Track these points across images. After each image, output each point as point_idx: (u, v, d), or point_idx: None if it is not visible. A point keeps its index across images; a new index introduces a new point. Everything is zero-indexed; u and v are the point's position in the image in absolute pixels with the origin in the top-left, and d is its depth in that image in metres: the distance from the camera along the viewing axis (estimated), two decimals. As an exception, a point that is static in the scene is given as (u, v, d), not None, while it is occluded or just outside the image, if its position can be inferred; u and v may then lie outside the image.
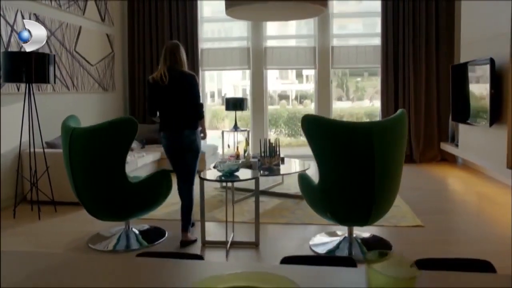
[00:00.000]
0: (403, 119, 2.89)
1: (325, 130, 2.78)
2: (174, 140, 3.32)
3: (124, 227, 3.44)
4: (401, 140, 2.87)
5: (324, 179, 2.88)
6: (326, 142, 2.78)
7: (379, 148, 2.72)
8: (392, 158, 2.80)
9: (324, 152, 2.81)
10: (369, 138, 2.70)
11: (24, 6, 4.69)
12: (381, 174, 2.76)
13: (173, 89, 3.26)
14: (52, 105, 5.17)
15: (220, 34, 7.79)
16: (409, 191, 5.06)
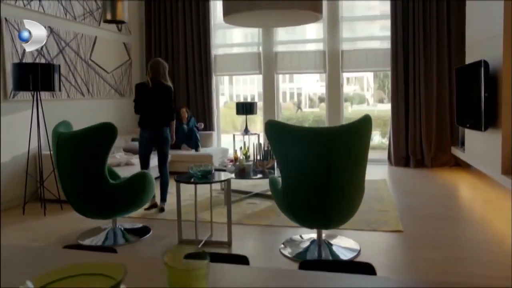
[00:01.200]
0: (365, 125, 2.93)
1: (284, 135, 2.87)
2: (154, 133, 4.29)
3: (111, 225, 3.69)
4: (362, 145, 2.91)
5: (286, 183, 2.98)
6: (285, 146, 2.88)
7: (335, 153, 2.78)
8: (351, 163, 2.85)
9: (284, 156, 2.91)
10: (326, 143, 2.77)
11: (39, 19, 5.09)
12: (338, 178, 2.82)
13: (154, 94, 4.24)
14: (66, 111, 5.56)
15: (233, 40, 7.99)
16: (409, 196, 5.03)
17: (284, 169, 2.93)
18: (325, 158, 2.78)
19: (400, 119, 6.65)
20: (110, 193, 3.33)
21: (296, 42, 7.51)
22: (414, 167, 6.56)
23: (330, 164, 2.79)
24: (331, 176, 2.81)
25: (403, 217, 4.01)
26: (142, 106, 4.27)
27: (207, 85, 7.30)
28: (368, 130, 2.96)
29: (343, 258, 3.16)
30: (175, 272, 0.97)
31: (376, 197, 4.75)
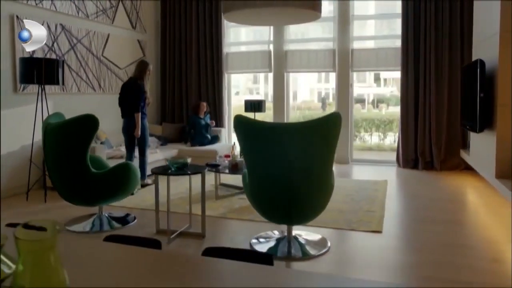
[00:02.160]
0: (331, 121, 2.92)
1: (248, 130, 2.91)
2: (128, 122, 5.02)
3: (97, 212, 3.87)
4: (326, 142, 2.90)
5: (251, 178, 3.02)
6: (249, 141, 2.92)
7: (295, 149, 2.79)
8: (313, 159, 2.86)
9: (248, 151, 2.95)
10: (286, 139, 2.79)
11: (50, 17, 5.38)
12: (297, 175, 2.84)
13: (127, 91, 5.02)
14: (76, 104, 5.82)
15: (245, 38, 8.07)
16: (409, 198, 4.94)
17: (249, 164, 2.98)
18: (285, 153, 2.80)
19: (409, 120, 6.50)
20: (92, 181, 3.49)
21: (306, 41, 7.49)
22: (422, 170, 6.39)
23: (289, 160, 2.80)
24: (290, 172, 2.83)
25: (391, 219, 3.95)
26: (121, 100, 5.10)
27: (218, 82, 7.41)
28: (335, 127, 2.95)
29: (312, 253, 3.16)
30: (21, 244, 1.05)
31: (369, 198, 4.69)
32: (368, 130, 10.52)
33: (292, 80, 7.79)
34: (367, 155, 8.90)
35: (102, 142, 5.77)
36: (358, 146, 9.63)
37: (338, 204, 4.45)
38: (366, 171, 6.56)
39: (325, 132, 2.88)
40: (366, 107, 10.90)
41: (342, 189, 5.11)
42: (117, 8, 6.57)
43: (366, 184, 5.43)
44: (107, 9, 6.35)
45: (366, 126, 10.50)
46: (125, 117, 5.08)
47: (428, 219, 4.04)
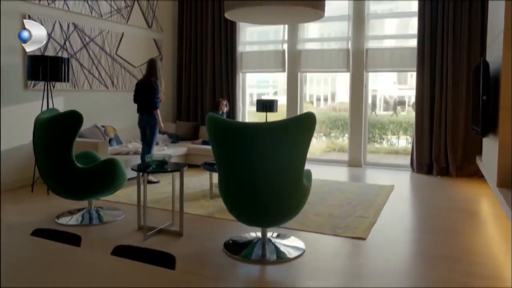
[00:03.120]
0: (303, 122, 2.83)
1: (217, 129, 2.87)
2: (142, 117, 5.27)
3: (87, 206, 3.97)
4: (297, 143, 2.81)
5: (221, 179, 2.98)
6: (218, 141, 2.88)
7: (265, 149, 2.73)
8: (282, 160, 2.78)
9: (218, 151, 2.92)
10: (255, 139, 2.73)
11: (63, 16, 5.57)
12: (266, 176, 2.77)
13: (141, 89, 5.22)
14: (87, 101, 6.01)
15: (260, 37, 8.03)
16: (413, 204, 4.76)
17: (219, 165, 2.94)
18: (253, 154, 2.74)
19: (424, 123, 6.22)
20: (77, 176, 3.57)
21: (320, 40, 7.34)
22: (437, 175, 6.10)
23: (257, 160, 2.74)
24: (257, 173, 2.77)
25: (382, 227, 3.78)
26: (136, 97, 5.30)
27: (232, 82, 7.41)
28: (307, 128, 2.85)
29: (287, 257, 3.08)
30: None
31: (367, 203, 4.52)
32: (395, 133, 10.23)
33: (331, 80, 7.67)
34: (384, 159, 8.65)
35: (111, 139, 5.91)
36: (385, 149, 9.38)
37: (331, 208, 4.32)
38: (377, 175, 6.34)
39: (295, 133, 2.79)
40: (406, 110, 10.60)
41: (342, 193, 4.96)
42: (132, 8, 6.71)
43: (370, 188, 5.24)
44: (121, 8, 6.50)
45: (394, 129, 10.22)
46: (139, 112, 5.31)
47: (424, 228, 3.85)
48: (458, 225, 3.84)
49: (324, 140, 9.60)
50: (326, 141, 9.51)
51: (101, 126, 5.91)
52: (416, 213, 4.43)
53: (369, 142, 9.27)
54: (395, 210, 4.32)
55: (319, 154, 9.22)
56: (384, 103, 9.13)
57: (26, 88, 5.20)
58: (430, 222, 4.01)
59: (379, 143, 9.41)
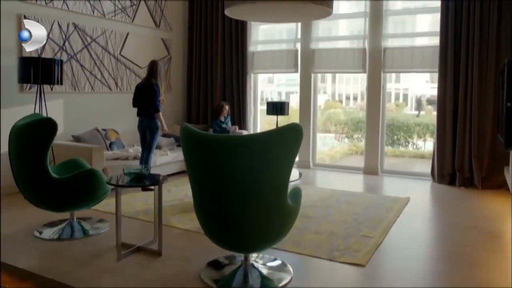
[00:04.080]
0: (286, 135, 2.46)
1: (190, 141, 2.55)
2: (141, 122, 5.07)
3: (69, 218, 3.73)
4: (279, 159, 2.44)
5: (195, 198, 2.65)
6: (190, 154, 2.56)
7: (241, 165, 2.38)
8: (263, 179, 2.42)
9: (191, 167, 2.59)
10: (232, 155, 2.39)
11: (62, 16, 5.38)
12: (244, 196, 2.42)
13: (141, 91, 5.02)
14: (89, 103, 5.82)
15: (272, 36, 7.67)
16: (427, 222, 4.29)
17: (191, 180, 2.61)
18: (228, 170, 2.40)
19: (447, 129, 5.69)
20: (52, 186, 3.34)
21: (335, 39, 6.89)
22: (460, 187, 5.56)
23: (233, 178, 2.40)
24: (233, 193, 2.42)
25: (386, 250, 3.36)
26: (136, 100, 5.11)
27: (242, 83, 7.08)
28: (291, 142, 2.48)
29: (272, 285, 2.73)
30: None
31: (376, 219, 4.09)
32: (421, 136, 9.68)
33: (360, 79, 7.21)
34: (408, 164, 8.15)
35: (111, 143, 5.70)
36: (410, 153, 8.88)
37: (334, 224, 3.92)
38: (393, 184, 5.86)
39: (278, 148, 2.43)
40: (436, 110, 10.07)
41: (350, 206, 4.54)
42: (138, 6, 6.48)
43: (383, 201, 4.79)
44: (126, 7, 6.28)
45: (420, 131, 9.68)
46: (139, 115, 5.11)
47: (436, 255, 3.40)
48: (477, 252, 3.36)
49: (346, 142, 9.21)
50: (348, 143, 9.12)
51: (102, 129, 5.71)
52: (429, 234, 3.97)
53: (393, 145, 8.78)
54: (406, 229, 3.87)
55: (339, 157, 8.83)
56: (416, 103, 8.71)
57: (22, 91, 5.04)
58: (443, 246, 3.55)
59: (404, 146, 8.93)
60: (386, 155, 7.44)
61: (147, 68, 5.13)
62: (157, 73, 5.01)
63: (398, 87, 9.30)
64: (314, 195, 5.01)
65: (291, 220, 2.68)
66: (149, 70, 5.05)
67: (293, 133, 2.48)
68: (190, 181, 2.63)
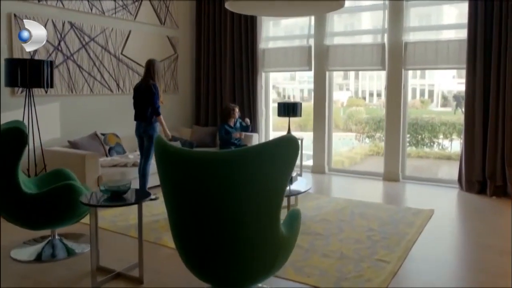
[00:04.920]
0: (279, 150, 2.03)
1: (166, 159, 2.14)
2: (138, 127, 4.65)
3: (50, 236, 3.39)
4: (270, 179, 2.01)
5: (171, 223, 2.25)
6: (166, 173, 2.15)
7: (226, 188, 1.97)
8: (249, 203, 1.99)
9: (165, 187, 2.18)
10: (212, 175, 1.98)
11: (56, 15, 5.07)
12: (227, 223, 2.00)
13: (139, 94, 4.62)
14: (88, 106, 5.50)
15: (284, 32, 7.21)
16: (454, 241, 3.78)
17: (167, 201, 2.21)
18: (208, 193, 1.99)
19: (476, 130, 5.12)
20: (25, 203, 3.00)
21: (351, 34, 6.36)
22: (492, 196, 4.99)
23: (214, 202, 1.99)
24: (213, 220, 2.01)
25: (406, 277, 2.89)
26: (135, 103, 4.69)
27: (252, 81, 6.65)
28: (284, 158, 2.05)
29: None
30: None
31: (394, 237, 3.60)
32: (448, 136, 9.08)
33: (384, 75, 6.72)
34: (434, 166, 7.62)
35: (111, 148, 5.38)
36: (436, 154, 8.33)
37: (346, 244, 3.45)
38: (416, 193, 5.33)
39: (267, 166, 1.99)
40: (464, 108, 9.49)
41: (365, 220, 4.06)
42: (141, 3, 6.13)
43: (403, 214, 4.28)
44: (128, 4, 5.93)
45: (446, 131, 9.09)
46: (136, 119, 4.68)
47: (463, 286, 2.89)
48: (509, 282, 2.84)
49: (367, 142, 8.73)
50: (369, 143, 8.64)
51: (101, 134, 5.38)
52: (456, 257, 3.44)
53: (417, 146, 8.21)
54: (429, 251, 3.37)
55: (359, 159, 8.36)
56: (442, 99, 8.29)
57: (14, 95, 4.75)
58: (472, 274, 3.03)
59: (429, 147, 8.38)
60: (410, 156, 6.88)
61: (144, 68, 4.74)
62: (155, 72, 4.60)
63: (423, 83, 8.85)
64: (326, 206, 4.55)
65: (286, 252, 2.24)
66: (146, 70, 4.65)
67: (286, 148, 2.04)
68: (166, 206, 2.22)
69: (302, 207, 4.45)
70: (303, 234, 3.63)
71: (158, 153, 2.16)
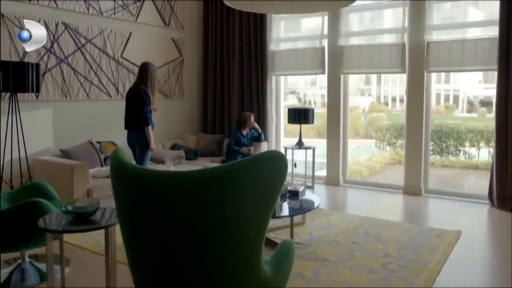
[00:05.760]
0: (259, 169, 1.58)
1: (122, 178, 1.72)
2: (129, 136, 4.32)
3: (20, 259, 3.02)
4: (250, 205, 1.57)
5: (125, 248, 1.82)
6: (120, 194, 1.73)
7: (189, 215, 1.53)
8: (223, 235, 1.55)
9: (120, 210, 1.76)
10: (173, 198, 1.55)
11: (49, 15, 4.76)
12: (195, 258, 1.56)
13: (130, 100, 4.27)
14: (83, 112, 5.18)
15: (294, 33, 6.76)
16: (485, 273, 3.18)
17: (122, 228, 1.78)
18: (171, 222, 1.56)
19: (509, 139, 4.54)
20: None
21: (368, 33, 5.87)
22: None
23: (178, 233, 1.55)
24: (178, 253, 1.57)
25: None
26: (126, 111, 4.34)
27: (262, 86, 6.22)
28: (266, 180, 1.59)
29: None
30: None
31: (413, 267, 3.08)
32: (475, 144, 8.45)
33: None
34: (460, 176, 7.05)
35: (107, 157, 5.01)
36: (462, 164, 7.74)
37: (356, 274, 2.96)
38: (440, 210, 4.77)
39: (245, 189, 1.55)
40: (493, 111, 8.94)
41: (381, 243, 3.55)
42: (143, 3, 5.79)
43: (425, 235, 3.75)
44: (129, 4, 5.60)
45: (473, 138, 8.47)
46: (126, 128, 4.34)
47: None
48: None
49: (388, 150, 8.21)
50: (390, 151, 8.12)
51: (96, 142, 5.03)
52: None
53: (441, 154, 7.64)
54: (455, 283, 2.84)
55: (379, 167, 7.84)
56: (468, 104, 7.80)
57: (1, 99, 4.44)
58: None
59: (455, 155, 7.79)
60: (433, 165, 6.29)
61: (137, 72, 4.38)
62: (148, 77, 4.21)
63: (448, 88, 8.37)
64: (338, 225, 4.05)
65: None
66: (139, 74, 4.27)
67: (269, 167, 1.59)
68: (121, 231, 1.80)
69: (310, 226, 3.97)
70: (308, 260, 3.16)
71: (113, 170, 1.74)
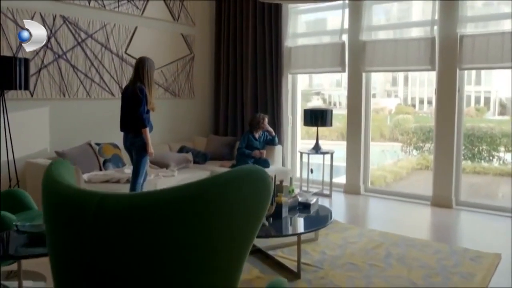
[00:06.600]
0: (232, 193, 1.13)
1: (50, 201, 1.31)
2: (125, 138, 3.98)
3: None
4: (223, 239, 1.12)
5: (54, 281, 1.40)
6: (50, 222, 1.32)
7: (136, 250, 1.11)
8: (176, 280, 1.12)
9: (49, 236, 1.35)
10: (91, 223, 1.12)
11: (46, 8, 4.45)
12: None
13: (125, 98, 3.93)
14: (83, 111, 4.86)
15: (313, 27, 6.28)
16: None
17: (51, 258, 1.37)
18: (103, 259, 1.13)
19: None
20: None
21: (393, 27, 5.33)
22: None
23: (109, 273, 1.13)
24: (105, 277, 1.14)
25: None
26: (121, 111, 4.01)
27: (277, 85, 5.77)
28: (242, 207, 1.15)
29: None
30: None
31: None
32: (510, 149, 7.81)
33: None
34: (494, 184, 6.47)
35: (106, 160, 4.66)
36: (495, 170, 7.12)
37: (373, 307, 2.47)
38: (475, 226, 4.20)
39: (208, 219, 1.11)
40: None
41: (405, 267, 3.04)
42: (150, -4, 5.43)
43: (458, 258, 3.21)
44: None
45: (508, 143, 7.84)
46: (122, 130, 3.99)
47: None
48: None
49: (414, 154, 7.69)
50: (416, 155, 7.60)
51: (95, 144, 4.68)
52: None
53: (473, 160, 7.03)
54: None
55: (405, 173, 7.32)
56: (500, 107, 7.46)
57: (-7, 98, 4.15)
58: None
59: (488, 161, 7.18)
60: (464, 172, 5.68)
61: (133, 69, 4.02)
62: (145, 73, 3.83)
63: (479, 89, 7.83)
64: (355, 243, 3.54)
65: None
66: (134, 70, 3.90)
67: (242, 190, 1.14)
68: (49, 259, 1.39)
69: (323, 242, 3.50)
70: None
71: (43, 192, 1.33)
